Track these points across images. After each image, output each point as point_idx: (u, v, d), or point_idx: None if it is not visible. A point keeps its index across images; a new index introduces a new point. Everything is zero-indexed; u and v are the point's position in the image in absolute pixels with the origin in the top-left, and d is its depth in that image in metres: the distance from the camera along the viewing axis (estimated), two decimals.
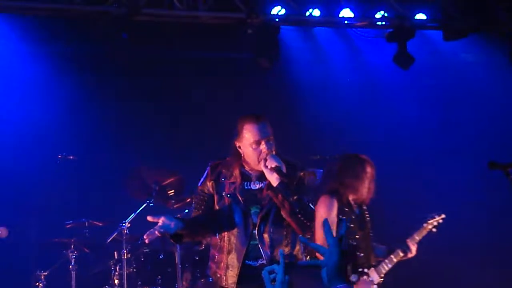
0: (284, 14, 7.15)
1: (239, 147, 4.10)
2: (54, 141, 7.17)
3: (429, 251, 5.49)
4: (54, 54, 7.37)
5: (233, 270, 3.94)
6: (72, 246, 6.45)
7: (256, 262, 3.95)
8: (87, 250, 6.61)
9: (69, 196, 7.22)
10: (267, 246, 3.94)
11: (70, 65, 7.37)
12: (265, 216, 3.98)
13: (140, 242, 6.54)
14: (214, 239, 4.11)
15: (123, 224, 6.28)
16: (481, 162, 4.64)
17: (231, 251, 3.96)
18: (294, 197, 3.92)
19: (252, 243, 3.96)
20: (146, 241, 3.89)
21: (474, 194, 5.52)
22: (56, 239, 6.52)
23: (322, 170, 6.39)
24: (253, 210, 4.00)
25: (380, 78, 8.33)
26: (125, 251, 6.24)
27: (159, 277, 6.31)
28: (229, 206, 4.01)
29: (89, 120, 7.51)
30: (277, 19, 7.12)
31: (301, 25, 7.53)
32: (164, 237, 3.89)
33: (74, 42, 7.36)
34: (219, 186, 4.07)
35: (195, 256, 6.24)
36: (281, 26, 7.15)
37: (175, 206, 6.59)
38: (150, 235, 3.84)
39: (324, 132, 7.97)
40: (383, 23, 7.52)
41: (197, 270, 6.19)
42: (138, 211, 6.34)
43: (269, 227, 3.96)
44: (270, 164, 3.93)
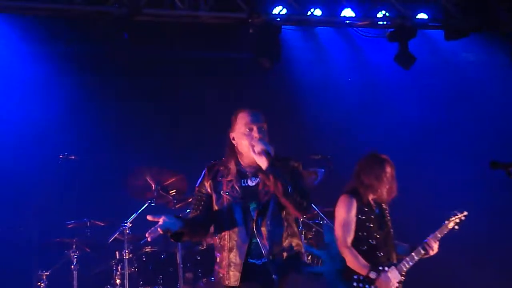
0: (285, 14, 7.16)
1: (233, 139, 4.12)
2: (55, 141, 7.17)
3: None
4: (55, 54, 7.38)
5: (235, 268, 3.93)
6: (73, 246, 6.45)
7: (260, 261, 3.93)
8: (89, 250, 6.61)
9: (70, 196, 7.22)
10: (265, 239, 3.93)
11: (71, 65, 7.38)
12: (262, 210, 3.98)
13: (142, 242, 6.55)
14: (214, 240, 4.11)
15: (125, 224, 6.28)
16: (482, 161, 4.64)
17: (233, 249, 3.96)
18: (287, 178, 3.94)
19: (254, 241, 3.95)
20: (149, 239, 3.90)
21: (474, 194, 5.52)
22: (57, 239, 6.53)
23: (323, 170, 6.41)
24: (252, 206, 4.00)
25: (381, 77, 8.33)
26: (126, 251, 6.24)
27: (161, 277, 6.31)
28: (228, 205, 4.02)
29: (90, 120, 7.51)
30: (278, 19, 7.13)
31: (302, 25, 7.54)
32: (165, 235, 3.90)
33: (75, 42, 7.36)
34: (217, 185, 4.08)
35: (197, 256, 6.24)
36: (282, 26, 7.16)
37: (177, 206, 6.59)
38: (152, 233, 3.86)
39: (325, 131, 7.97)
40: (385, 23, 7.52)
41: (198, 270, 6.19)
42: (139, 211, 6.35)
43: (267, 220, 3.96)
44: (257, 148, 3.96)
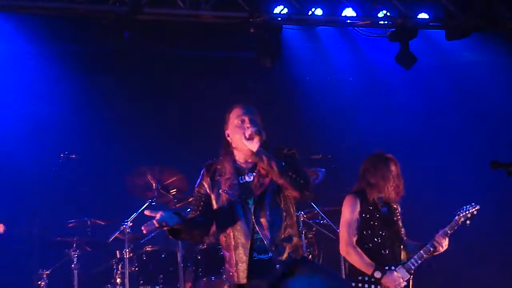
0: (286, 13, 7.15)
1: (228, 135, 4.13)
2: (57, 139, 7.18)
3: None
4: (57, 53, 7.39)
5: (242, 265, 3.94)
6: (74, 245, 6.45)
7: (266, 255, 3.92)
8: (89, 249, 6.60)
9: (71, 195, 7.22)
10: (266, 229, 3.92)
11: (73, 64, 7.38)
12: (259, 201, 3.98)
13: (142, 241, 6.56)
14: (221, 239, 4.10)
15: (125, 223, 6.29)
16: (484, 160, 4.64)
17: (237, 247, 3.96)
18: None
19: (257, 236, 3.95)
20: (144, 231, 3.89)
21: (476, 194, 5.53)
22: (58, 238, 6.52)
23: (324, 170, 6.41)
24: (250, 202, 4.00)
25: (382, 77, 8.33)
26: (127, 250, 6.25)
27: (161, 276, 6.31)
28: (228, 203, 4.02)
29: (91, 118, 7.51)
30: (279, 18, 7.13)
31: (303, 24, 7.53)
32: (163, 230, 3.89)
33: (77, 41, 7.37)
34: (215, 184, 4.08)
35: (197, 255, 6.24)
36: (283, 25, 7.16)
37: (177, 205, 6.59)
38: (148, 226, 3.84)
39: (325, 131, 7.97)
40: (386, 23, 7.52)
41: (199, 269, 6.18)
42: (140, 210, 6.35)
43: (265, 211, 3.96)
44: (247, 132, 3.98)
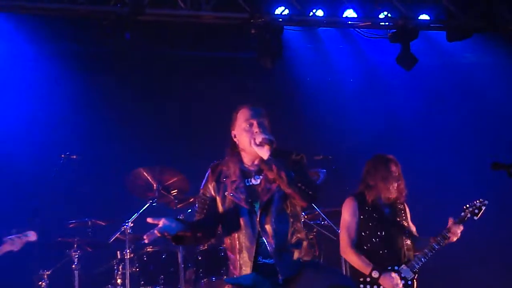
0: (287, 14, 7.15)
1: (235, 136, 4.09)
2: (57, 140, 7.18)
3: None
4: (58, 53, 7.39)
5: (246, 269, 3.90)
6: (75, 246, 6.46)
7: (271, 260, 3.87)
8: (90, 250, 6.61)
9: (72, 195, 7.23)
10: (271, 237, 3.87)
11: (74, 64, 7.39)
12: (265, 207, 3.93)
13: (143, 242, 6.53)
14: (225, 241, 4.07)
15: (126, 223, 6.29)
16: (485, 161, 4.64)
17: (242, 250, 3.91)
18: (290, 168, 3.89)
19: (261, 241, 3.89)
20: (146, 241, 3.85)
21: (478, 194, 5.54)
22: (59, 239, 6.53)
23: (325, 170, 6.42)
24: (257, 206, 3.95)
25: (383, 78, 8.33)
26: (128, 251, 6.25)
27: (162, 276, 6.31)
28: (233, 206, 3.97)
29: (92, 119, 7.52)
30: (280, 19, 7.13)
31: (304, 25, 7.53)
32: (164, 237, 3.87)
33: (77, 41, 7.37)
34: (221, 187, 4.03)
35: (198, 256, 6.24)
36: (284, 26, 7.16)
37: (178, 206, 6.59)
38: (150, 235, 3.82)
39: (326, 132, 7.97)
40: (387, 24, 7.52)
41: (199, 270, 6.19)
42: (141, 211, 6.35)
43: (271, 218, 3.90)
44: (258, 139, 3.92)
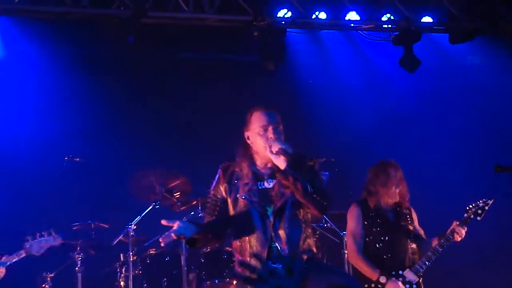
0: (290, 17, 7.16)
1: (248, 138, 4.04)
2: (61, 142, 7.19)
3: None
4: (61, 56, 7.40)
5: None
6: (78, 248, 6.46)
7: (281, 265, 3.82)
8: (93, 252, 6.62)
9: (75, 198, 7.23)
10: (284, 243, 3.83)
11: (77, 67, 7.39)
12: (279, 212, 3.88)
13: (146, 244, 6.56)
14: (234, 244, 4.02)
15: (129, 226, 6.28)
16: (488, 163, 4.64)
17: (253, 254, 3.86)
18: (306, 178, 3.83)
19: (273, 245, 3.86)
20: (162, 244, 3.81)
21: (479, 197, 5.54)
22: (62, 241, 6.53)
23: (327, 173, 6.42)
24: (269, 210, 3.91)
25: (385, 81, 8.32)
26: (131, 253, 6.25)
27: (165, 279, 6.30)
28: (245, 209, 3.91)
29: (95, 122, 7.52)
30: (283, 22, 7.13)
31: (307, 28, 7.53)
32: (179, 240, 3.82)
33: (81, 45, 7.39)
34: (233, 189, 3.98)
35: (201, 258, 6.24)
36: (287, 29, 7.16)
37: (181, 209, 6.59)
38: (165, 238, 3.77)
39: (329, 134, 7.96)
40: (389, 26, 7.52)
41: (202, 272, 6.18)
42: (144, 213, 6.35)
43: (284, 223, 3.86)
44: (275, 148, 3.87)
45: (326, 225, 6.51)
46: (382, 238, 5.14)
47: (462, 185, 7.72)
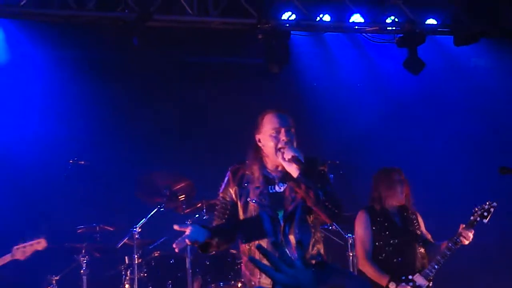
0: (294, 19, 7.16)
1: (259, 140, 4.01)
2: (66, 145, 7.20)
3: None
4: (66, 59, 7.41)
5: (267, 277, 3.88)
6: (83, 251, 6.47)
7: None
8: (98, 255, 6.62)
9: (80, 200, 7.24)
10: (294, 248, 3.78)
11: (82, 70, 7.41)
12: (289, 217, 3.86)
13: (151, 247, 6.56)
14: (242, 247, 4.00)
15: (134, 228, 6.29)
16: (493, 165, 4.63)
17: (262, 258, 3.85)
18: (318, 185, 3.82)
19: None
20: (176, 250, 3.77)
21: (484, 199, 5.54)
22: (67, 244, 6.54)
23: (332, 175, 6.42)
24: (280, 214, 3.89)
25: (390, 83, 8.31)
26: (136, 256, 6.25)
27: (170, 282, 6.30)
28: (256, 213, 3.88)
29: (100, 125, 7.54)
30: (287, 25, 7.14)
31: (311, 30, 7.53)
32: (192, 246, 3.80)
33: (86, 48, 7.40)
34: (243, 192, 3.95)
35: (206, 261, 6.24)
36: (291, 32, 7.17)
37: (186, 211, 6.60)
38: (179, 244, 3.73)
39: (333, 137, 7.96)
40: (394, 28, 7.52)
41: (207, 275, 6.18)
42: (149, 216, 6.36)
43: (294, 228, 3.84)
44: (287, 155, 3.83)
45: (330, 227, 6.50)
46: (391, 241, 5.15)
47: (466, 187, 7.71)
